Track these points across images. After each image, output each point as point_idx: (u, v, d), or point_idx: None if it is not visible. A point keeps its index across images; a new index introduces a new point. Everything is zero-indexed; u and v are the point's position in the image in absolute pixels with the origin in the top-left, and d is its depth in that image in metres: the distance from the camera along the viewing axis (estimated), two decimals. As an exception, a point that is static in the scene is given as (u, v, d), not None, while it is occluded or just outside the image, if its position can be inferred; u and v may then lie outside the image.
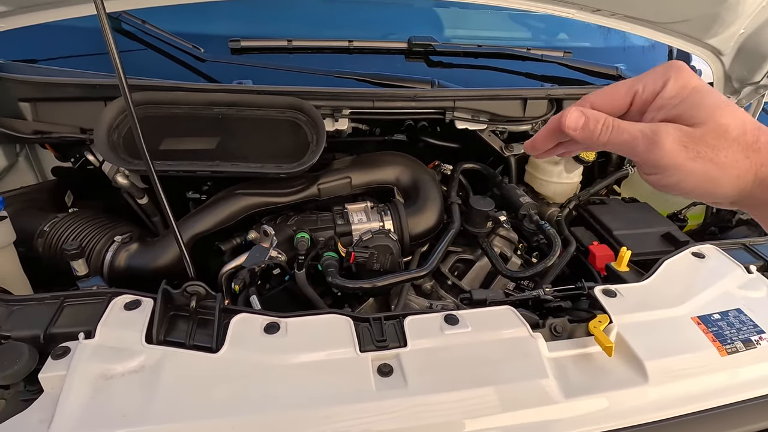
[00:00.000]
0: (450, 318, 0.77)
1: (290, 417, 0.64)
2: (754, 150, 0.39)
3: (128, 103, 0.77)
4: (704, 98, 0.40)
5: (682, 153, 0.39)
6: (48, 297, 0.75)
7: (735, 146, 0.39)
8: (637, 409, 0.70)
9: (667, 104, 0.41)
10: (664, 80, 0.42)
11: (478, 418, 0.66)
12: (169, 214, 0.82)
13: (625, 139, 0.41)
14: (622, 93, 0.44)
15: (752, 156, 0.39)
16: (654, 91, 0.43)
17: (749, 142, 0.39)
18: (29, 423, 0.60)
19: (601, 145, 0.43)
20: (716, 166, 0.39)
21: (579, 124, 0.43)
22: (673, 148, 0.39)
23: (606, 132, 0.42)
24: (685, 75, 0.42)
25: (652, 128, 0.40)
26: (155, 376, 0.65)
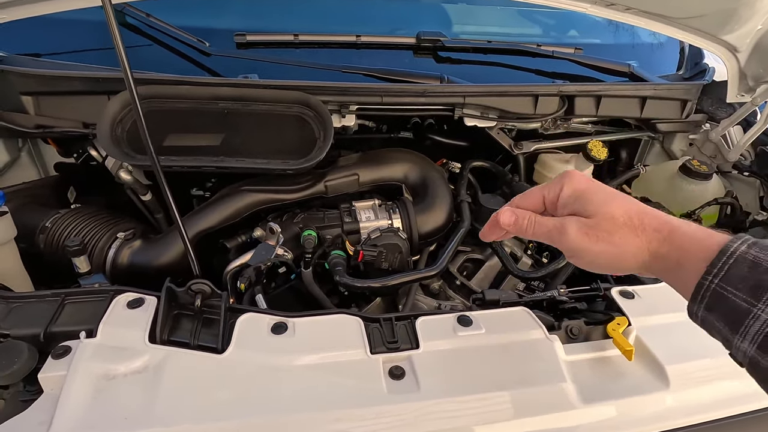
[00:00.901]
0: (463, 319, 0.74)
1: (298, 420, 0.61)
2: (641, 230, 0.49)
3: (134, 97, 0.74)
4: (592, 196, 0.52)
5: (585, 238, 0.50)
6: (49, 294, 0.73)
7: (624, 229, 0.49)
8: (658, 416, 0.67)
9: (567, 202, 0.54)
10: (561, 186, 0.54)
11: (493, 424, 0.63)
12: (174, 210, 0.79)
13: (543, 231, 0.54)
14: (536, 197, 0.57)
15: (641, 235, 0.49)
16: (555, 194, 0.55)
17: (635, 224, 0.49)
18: (28, 424, 0.58)
19: (529, 236, 0.56)
20: (614, 247, 0.49)
21: (511, 221, 0.56)
22: (577, 235, 0.51)
23: (531, 226, 0.55)
24: (576, 180, 0.54)
25: (561, 221, 0.53)
26: (158, 377, 0.63)
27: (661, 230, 0.48)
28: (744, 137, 1.46)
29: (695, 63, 1.58)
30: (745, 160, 1.52)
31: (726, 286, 0.44)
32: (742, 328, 0.43)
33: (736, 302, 0.43)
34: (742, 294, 0.43)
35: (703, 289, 0.45)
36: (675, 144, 1.61)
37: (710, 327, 0.47)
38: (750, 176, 1.47)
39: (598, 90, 1.33)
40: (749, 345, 0.42)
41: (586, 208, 0.51)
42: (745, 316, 0.42)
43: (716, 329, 0.46)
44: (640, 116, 1.42)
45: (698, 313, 0.47)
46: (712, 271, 0.44)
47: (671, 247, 0.48)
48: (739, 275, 0.43)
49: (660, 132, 1.54)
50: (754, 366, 0.43)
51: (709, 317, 0.46)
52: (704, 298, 0.45)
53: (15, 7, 0.99)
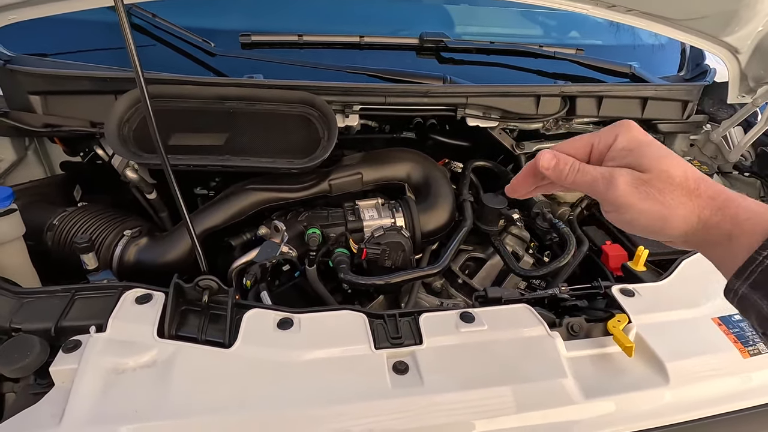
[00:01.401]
0: (466, 316, 0.75)
1: (304, 414, 0.63)
2: (696, 195, 0.45)
3: (144, 95, 0.76)
4: (649, 150, 0.48)
5: (634, 193, 0.46)
6: (59, 290, 0.74)
7: (679, 190, 0.46)
8: (658, 411, 0.68)
9: (618, 155, 0.49)
10: (615, 135, 0.50)
11: (496, 418, 0.64)
12: (183, 207, 0.81)
13: (587, 179, 0.49)
14: (583, 144, 0.52)
15: (695, 200, 0.45)
16: (607, 144, 0.50)
17: (691, 188, 0.46)
18: (40, 417, 0.59)
19: (569, 184, 0.50)
20: (663, 206, 0.46)
21: (551, 164, 0.50)
22: (626, 188, 0.46)
23: (573, 172, 0.50)
24: (633, 131, 0.49)
25: (610, 171, 0.48)
26: (167, 370, 0.64)
27: (716, 198, 0.45)
28: (744, 138, 1.47)
29: (696, 64, 1.59)
30: (745, 160, 1.52)
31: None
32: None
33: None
34: None
35: (755, 263, 0.42)
36: (676, 144, 1.62)
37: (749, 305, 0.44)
38: (750, 177, 1.48)
39: (599, 91, 1.34)
40: None
41: (641, 162, 0.47)
42: None
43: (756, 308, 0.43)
44: (641, 117, 1.43)
45: (740, 289, 0.44)
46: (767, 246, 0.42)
47: (724, 217, 0.45)
48: None
49: (661, 132, 1.55)
50: None
51: (753, 295, 0.43)
52: (753, 273, 0.43)
53: (25, 8, 1.00)
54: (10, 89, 1.10)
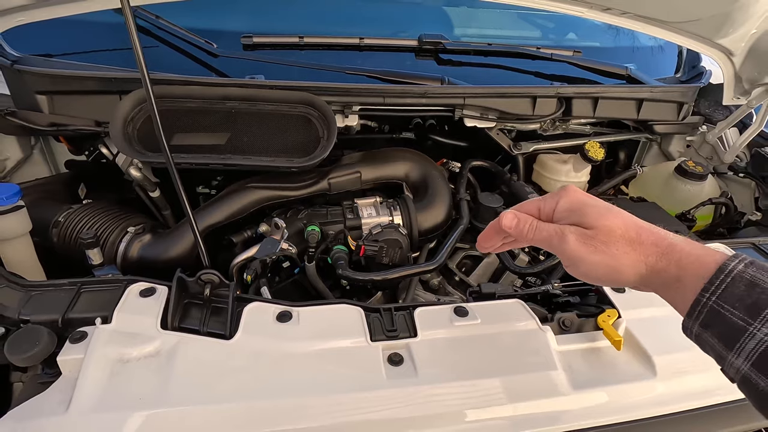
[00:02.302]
0: (460, 310, 0.77)
1: (302, 403, 0.65)
2: (638, 243, 0.49)
3: (149, 95, 0.78)
4: (591, 209, 0.52)
5: (583, 247, 0.50)
6: (66, 283, 0.76)
7: (622, 241, 0.49)
8: (645, 403, 0.70)
9: (563, 216, 0.54)
10: (557, 199, 0.55)
11: (487, 408, 0.66)
12: (186, 204, 0.83)
13: (544, 236, 0.54)
14: (532, 207, 0.58)
15: (638, 248, 0.49)
16: (552, 206, 0.56)
17: (632, 237, 0.49)
18: (49, 404, 0.61)
19: (529, 241, 0.56)
20: (612, 258, 0.49)
21: (513, 224, 0.56)
22: (576, 243, 0.51)
23: (531, 230, 0.55)
24: (572, 193, 0.55)
25: (561, 228, 0.53)
26: (170, 361, 0.67)
27: (659, 245, 0.49)
28: (740, 139, 1.48)
29: (692, 66, 1.61)
30: (740, 161, 1.54)
31: (723, 304, 0.44)
32: (738, 344, 0.43)
33: (732, 320, 0.43)
34: (739, 312, 0.43)
35: (700, 305, 0.45)
36: (672, 145, 1.64)
37: (704, 343, 0.47)
38: (745, 177, 1.50)
39: (595, 92, 1.36)
40: (743, 362, 0.43)
41: (583, 220, 0.52)
42: (741, 334, 0.43)
43: (710, 346, 0.46)
44: (636, 118, 1.45)
45: (693, 329, 0.47)
46: (709, 288, 0.45)
47: (669, 262, 0.48)
48: (737, 294, 0.44)
49: (657, 133, 1.57)
50: (746, 383, 0.44)
51: (704, 334, 0.46)
52: (700, 314, 0.45)
53: (32, 10, 1.02)
54: (17, 89, 1.12)
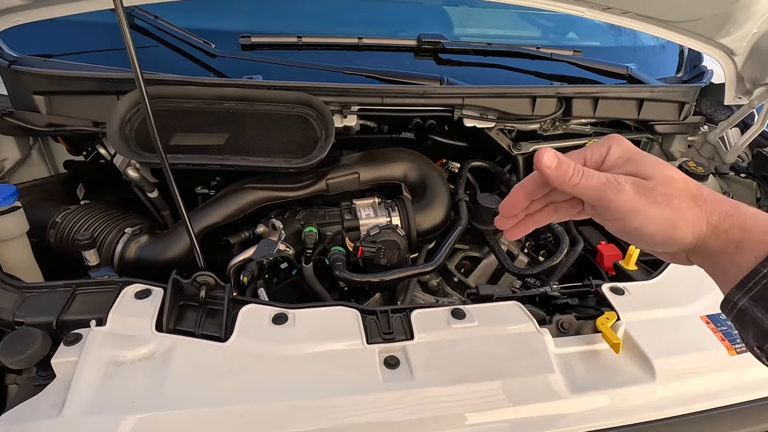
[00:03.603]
0: (457, 312, 0.77)
1: (297, 406, 0.64)
2: (701, 200, 0.44)
3: (143, 95, 0.78)
4: (645, 158, 0.46)
5: (642, 199, 0.44)
6: (60, 285, 0.76)
7: (684, 195, 0.44)
8: (644, 407, 0.70)
9: (616, 164, 0.47)
10: (608, 146, 0.48)
11: (484, 412, 0.66)
12: (181, 205, 0.83)
13: (594, 183, 0.45)
14: (575, 158, 0.48)
15: (701, 204, 0.44)
16: (601, 155, 0.48)
17: (695, 193, 0.44)
18: (42, 407, 0.61)
19: (572, 187, 0.46)
20: (673, 211, 0.43)
21: (554, 164, 0.46)
22: (634, 193, 0.44)
23: (577, 175, 0.45)
24: (624, 143, 0.48)
25: (615, 177, 0.45)
26: (165, 363, 0.66)
27: (722, 203, 0.44)
28: (741, 139, 1.47)
29: (694, 66, 1.60)
30: (742, 161, 1.53)
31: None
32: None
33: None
34: None
35: (759, 275, 0.41)
36: (674, 145, 1.63)
37: (746, 318, 0.43)
38: (747, 178, 1.49)
39: (595, 92, 1.35)
40: None
41: (641, 169, 0.45)
42: None
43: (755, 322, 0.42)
44: (637, 118, 1.44)
45: (740, 301, 0.42)
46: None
47: (732, 224, 0.43)
48: None
49: (658, 133, 1.55)
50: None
51: (752, 308, 0.42)
52: (756, 285, 0.41)
53: (29, 10, 1.02)
54: (14, 89, 1.12)
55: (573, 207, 0.52)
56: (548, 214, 0.53)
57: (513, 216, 0.53)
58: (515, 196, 0.52)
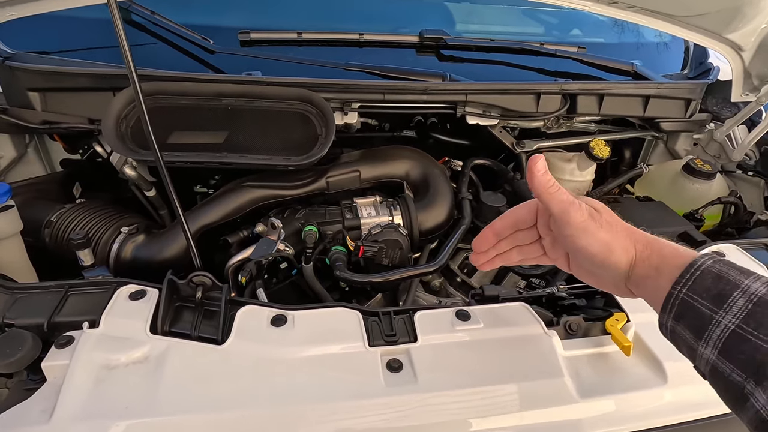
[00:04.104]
0: (461, 313, 0.74)
1: (296, 411, 0.62)
2: (631, 231, 0.55)
3: (137, 92, 0.75)
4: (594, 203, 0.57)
5: (592, 222, 0.54)
6: (53, 285, 0.74)
7: (621, 226, 0.55)
8: (655, 411, 0.67)
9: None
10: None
11: (490, 417, 0.63)
12: (176, 203, 0.80)
13: (563, 198, 0.55)
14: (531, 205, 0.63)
15: (631, 235, 0.54)
16: None
17: (627, 226, 0.55)
18: (31, 412, 0.59)
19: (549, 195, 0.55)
20: (612, 237, 0.53)
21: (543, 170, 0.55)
22: (587, 216, 0.54)
23: (555, 187, 0.55)
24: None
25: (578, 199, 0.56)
26: (159, 367, 0.64)
27: (645, 236, 0.54)
28: (748, 137, 1.45)
29: (700, 62, 1.57)
30: (749, 159, 1.51)
31: (693, 295, 0.47)
32: (706, 334, 0.45)
33: (701, 310, 0.46)
34: (706, 302, 0.45)
35: (672, 297, 0.48)
36: (679, 143, 1.61)
37: (678, 338, 0.49)
38: (754, 176, 1.47)
39: (600, 88, 1.33)
40: (711, 351, 0.45)
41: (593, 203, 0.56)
42: (708, 323, 0.45)
43: (683, 339, 0.48)
44: (643, 115, 1.42)
45: (668, 323, 0.49)
46: (680, 281, 0.48)
47: (653, 251, 0.52)
48: (704, 285, 0.46)
49: (663, 131, 1.53)
50: (714, 373, 0.45)
51: (677, 327, 0.48)
52: (673, 307, 0.48)
53: (23, 5, 1.00)
54: (9, 86, 1.10)
55: (535, 251, 0.64)
56: (513, 255, 0.65)
57: (483, 252, 0.65)
58: (484, 235, 0.64)
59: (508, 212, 0.64)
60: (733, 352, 0.43)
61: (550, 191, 0.55)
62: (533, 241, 0.63)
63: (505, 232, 0.64)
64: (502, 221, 0.64)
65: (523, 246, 0.64)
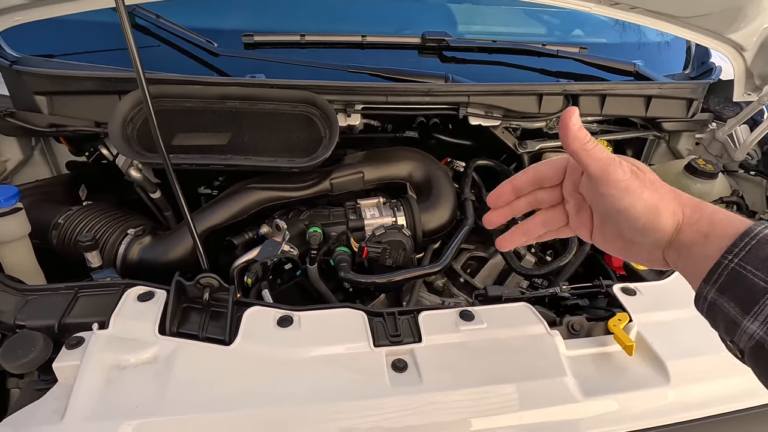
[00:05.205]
0: (465, 314, 0.75)
1: (302, 411, 0.63)
2: (677, 193, 0.49)
3: (145, 95, 0.76)
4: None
5: (635, 181, 0.48)
6: (62, 287, 0.75)
7: (666, 187, 0.49)
8: (658, 411, 0.68)
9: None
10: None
11: (494, 416, 0.64)
12: (183, 205, 0.81)
13: (602, 155, 0.48)
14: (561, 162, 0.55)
15: (678, 197, 0.48)
16: None
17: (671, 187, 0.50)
18: (43, 412, 0.60)
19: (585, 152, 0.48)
20: (659, 197, 0.47)
21: (578, 124, 0.48)
22: (630, 174, 0.48)
23: (592, 143, 0.49)
24: None
25: (618, 156, 0.49)
26: (168, 367, 0.65)
27: (692, 197, 0.48)
28: (751, 136, 1.45)
29: (702, 62, 1.57)
30: (751, 159, 1.51)
31: (746, 266, 0.42)
32: (756, 307, 0.41)
33: (753, 281, 0.41)
34: (762, 274, 0.41)
35: (721, 267, 0.43)
36: (681, 143, 1.61)
37: (716, 313, 0.44)
38: (756, 175, 1.47)
39: (602, 89, 1.33)
40: (759, 326, 0.40)
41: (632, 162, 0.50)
42: (762, 296, 0.40)
43: (723, 314, 0.43)
44: (645, 115, 1.42)
45: (708, 295, 0.44)
46: (733, 250, 0.43)
47: (702, 216, 0.46)
48: (761, 256, 0.41)
49: (666, 131, 1.54)
50: (757, 351, 0.41)
51: (720, 300, 0.43)
52: (720, 277, 0.43)
53: (29, 10, 1.01)
54: (16, 90, 1.11)
55: (558, 217, 0.56)
56: (536, 226, 0.57)
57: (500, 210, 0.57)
58: (502, 188, 0.56)
59: (530, 167, 0.56)
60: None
61: (586, 147, 0.48)
62: (556, 203, 0.56)
63: (525, 188, 0.55)
64: (524, 175, 0.55)
65: (545, 211, 0.56)
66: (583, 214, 0.54)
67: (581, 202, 0.54)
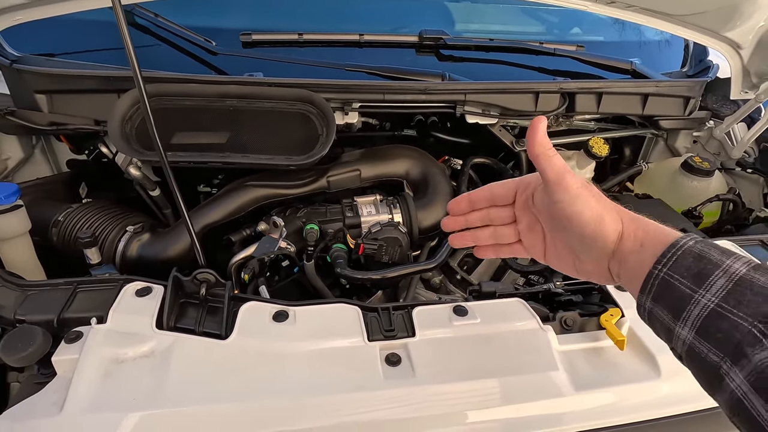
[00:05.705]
0: (459, 309, 0.76)
1: (297, 404, 0.64)
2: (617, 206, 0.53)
3: (141, 93, 0.77)
4: None
5: (586, 189, 0.52)
6: (62, 283, 0.76)
7: (609, 200, 0.53)
8: (649, 404, 0.69)
9: None
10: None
11: (486, 409, 0.65)
12: (181, 202, 0.82)
13: (560, 164, 0.52)
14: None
15: (617, 209, 0.52)
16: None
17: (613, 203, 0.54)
18: (42, 405, 0.61)
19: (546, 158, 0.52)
20: (603, 207, 0.51)
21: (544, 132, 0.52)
22: (581, 183, 0.52)
23: (553, 151, 0.53)
24: None
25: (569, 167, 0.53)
26: (165, 361, 0.66)
27: (630, 213, 0.53)
28: (748, 134, 1.46)
29: (699, 60, 1.58)
30: (748, 157, 1.51)
31: (673, 274, 0.45)
32: (684, 313, 0.44)
33: (680, 289, 0.44)
34: (686, 281, 0.44)
35: (653, 277, 0.47)
36: (679, 141, 1.61)
37: (655, 321, 0.48)
38: (753, 173, 1.47)
39: (599, 87, 1.34)
40: (689, 331, 0.44)
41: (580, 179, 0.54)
42: (687, 302, 0.44)
43: (660, 321, 0.47)
44: (642, 113, 1.42)
45: (646, 304, 0.48)
46: (662, 260, 0.46)
47: (638, 227, 0.50)
48: (685, 265, 0.45)
49: (663, 129, 1.54)
50: (691, 354, 0.44)
51: (655, 308, 0.47)
52: (653, 287, 0.46)
53: (30, 9, 1.02)
54: (16, 88, 1.12)
55: (509, 234, 0.61)
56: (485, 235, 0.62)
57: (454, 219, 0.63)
58: (461, 199, 0.63)
59: (486, 186, 0.62)
60: (710, 331, 0.42)
61: (548, 154, 0.52)
62: (507, 222, 0.61)
63: (479, 203, 0.61)
64: (478, 192, 0.61)
65: (496, 227, 0.61)
66: (535, 234, 0.59)
67: (533, 222, 0.58)
